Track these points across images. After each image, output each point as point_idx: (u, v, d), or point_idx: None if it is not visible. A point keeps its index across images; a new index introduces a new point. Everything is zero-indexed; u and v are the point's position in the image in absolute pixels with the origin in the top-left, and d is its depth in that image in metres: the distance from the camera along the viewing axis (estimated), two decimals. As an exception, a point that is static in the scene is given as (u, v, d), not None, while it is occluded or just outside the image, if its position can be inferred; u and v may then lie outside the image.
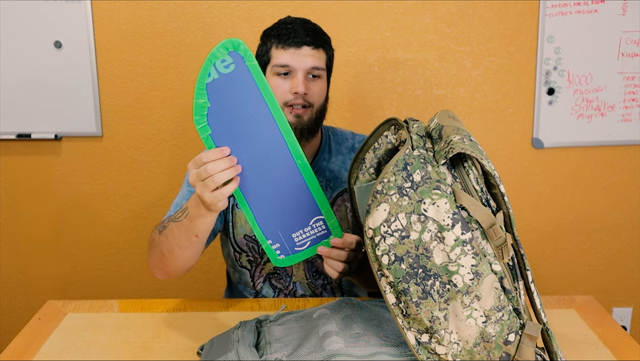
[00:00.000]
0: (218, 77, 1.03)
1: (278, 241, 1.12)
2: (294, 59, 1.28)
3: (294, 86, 1.27)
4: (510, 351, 0.88)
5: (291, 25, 1.30)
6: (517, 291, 0.89)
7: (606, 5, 1.95)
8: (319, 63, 1.30)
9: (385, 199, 0.90)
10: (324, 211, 1.10)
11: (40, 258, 2.16)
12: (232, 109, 1.03)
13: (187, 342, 1.18)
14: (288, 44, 1.28)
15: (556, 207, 2.13)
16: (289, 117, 1.28)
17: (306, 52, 1.28)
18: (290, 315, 1.13)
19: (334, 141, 1.44)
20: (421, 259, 0.88)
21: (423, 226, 0.88)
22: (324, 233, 1.12)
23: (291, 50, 1.28)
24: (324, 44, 1.32)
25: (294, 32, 1.29)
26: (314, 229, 1.12)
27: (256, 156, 1.05)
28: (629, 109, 2.03)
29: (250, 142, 1.04)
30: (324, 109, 1.34)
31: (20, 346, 1.17)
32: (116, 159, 2.07)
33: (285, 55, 1.28)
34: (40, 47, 1.97)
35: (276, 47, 1.30)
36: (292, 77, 1.28)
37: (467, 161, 0.90)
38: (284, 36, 1.29)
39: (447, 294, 0.87)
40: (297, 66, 1.28)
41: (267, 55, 1.32)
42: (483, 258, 0.87)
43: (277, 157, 1.06)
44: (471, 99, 2.04)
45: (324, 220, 1.11)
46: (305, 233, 1.12)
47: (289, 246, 1.12)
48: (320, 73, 1.31)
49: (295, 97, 1.27)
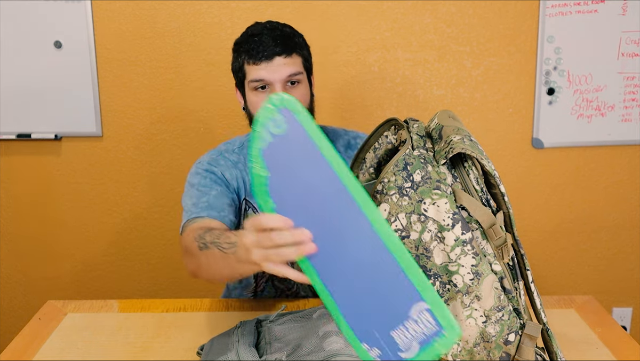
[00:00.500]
0: (273, 140, 0.82)
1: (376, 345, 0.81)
2: (268, 73, 1.25)
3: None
4: (510, 351, 0.88)
5: (258, 37, 1.26)
6: (517, 291, 0.89)
7: (606, 5, 1.95)
8: (294, 69, 1.26)
9: (386, 199, 0.90)
10: (427, 298, 0.77)
11: (40, 258, 2.16)
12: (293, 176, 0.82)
13: (187, 342, 1.18)
14: (259, 59, 1.25)
15: (556, 207, 2.13)
16: None
17: (279, 63, 1.25)
18: (290, 314, 1.13)
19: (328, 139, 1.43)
20: (421, 259, 0.88)
21: (423, 226, 0.88)
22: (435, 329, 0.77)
23: (263, 65, 1.25)
24: (295, 48, 1.28)
25: (262, 44, 1.25)
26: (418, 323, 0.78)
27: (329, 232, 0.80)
28: (629, 109, 2.03)
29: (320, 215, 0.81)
30: (310, 110, 1.33)
31: (20, 346, 1.17)
32: (116, 159, 2.07)
33: (258, 70, 1.25)
34: (40, 47, 1.97)
35: (247, 62, 1.27)
36: (270, 89, 1.26)
37: (467, 161, 0.90)
38: (253, 51, 1.26)
39: (447, 294, 0.87)
40: (273, 78, 1.25)
41: (241, 72, 1.30)
42: (483, 258, 0.87)
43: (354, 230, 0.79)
44: (471, 99, 2.04)
45: (430, 311, 0.77)
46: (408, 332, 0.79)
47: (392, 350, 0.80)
48: (299, 78, 1.28)
49: None
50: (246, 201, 1.35)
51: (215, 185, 1.31)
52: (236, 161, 1.36)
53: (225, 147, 1.41)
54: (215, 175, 1.33)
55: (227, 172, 1.34)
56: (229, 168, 1.35)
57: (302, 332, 1.05)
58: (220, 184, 1.32)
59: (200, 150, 2.04)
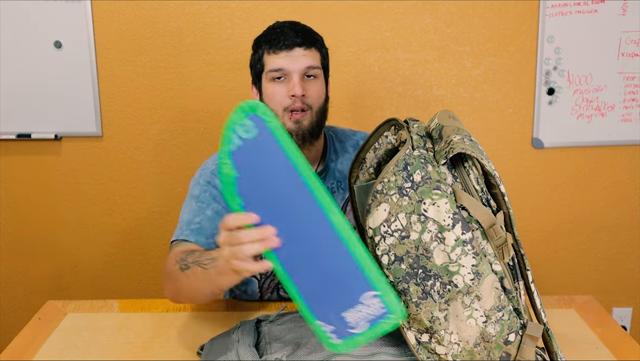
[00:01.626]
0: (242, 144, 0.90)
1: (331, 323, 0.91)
2: (287, 62, 1.26)
3: (290, 89, 1.26)
4: (510, 351, 0.88)
5: (280, 29, 1.29)
6: (518, 291, 0.89)
7: (606, 5, 1.95)
8: (313, 62, 1.28)
9: (386, 199, 0.90)
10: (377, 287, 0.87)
11: (40, 258, 2.16)
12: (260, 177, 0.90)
13: (187, 342, 1.18)
14: (279, 48, 1.27)
15: (556, 207, 2.13)
16: (289, 124, 1.27)
17: (299, 53, 1.27)
18: (290, 315, 1.13)
19: (337, 140, 1.43)
20: (421, 260, 0.88)
21: (423, 227, 0.88)
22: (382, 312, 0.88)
23: (283, 54, 1.27)
24: (315, 43, 1.30)
25: (284, 35, 1.27)
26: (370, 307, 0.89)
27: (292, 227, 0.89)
28: (629, 109, 2.03)
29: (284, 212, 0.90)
30: (324, 110, 1.33)
31: (20, 346, 1.17)
32: (116, 159, 2.07)
33: (277, 59, 1.27)
34: (40, 47, 1.97)
35: (268, 53, 1.29)
36: (287, 80, 1.27)
37: (467, 161, 0.90)
38: (274, 40, 1.28)
39: (448, 294, 0.87)
40: (292, 68, 1.26)
41: (260, 63, 1.31)
42: (483, 257, 0.87)
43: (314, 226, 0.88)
44: (471, 99, 2.04)
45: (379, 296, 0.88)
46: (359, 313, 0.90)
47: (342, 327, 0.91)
48: (316, 72, 1.29)
49: (293, 100, 1.26)
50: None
51: (213, 202, 1.28)
52: None
53: None
54: (215, 189, 1.30)
55: None
56: None
57: (302, 332, 1.05)
58: (219, 201, 1.29)
59: (199, 150, 2.04)
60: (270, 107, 1.26)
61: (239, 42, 1.98)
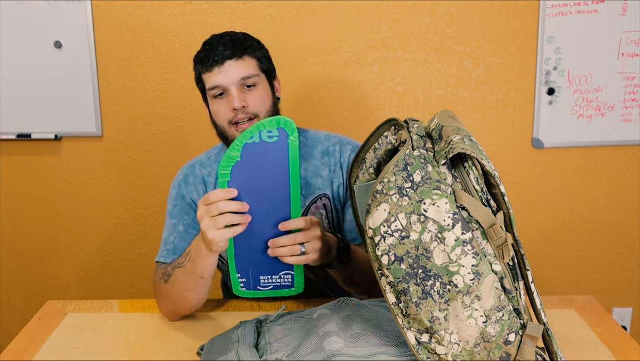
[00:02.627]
0: (258, 142, 1.08)
1: (246, 277, 1.19)
2: (221, 77, 1.26)
3: (230, 103, 1.25)
4: (510, 351, 0.88)
5: (209, 45, 1.29)
6: (518, 291, 0.89)
7: (606, 5, 1.95)
8: (248, 71, 1.26)
9: (385, 199, 0.90)
10: (296, 269, 1.19)
11: (40, 258, 2.16)
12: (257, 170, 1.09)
13: (187, 342, 1.18)
14: (211, 65, 1.26)
15: (556, 207, 2.13)
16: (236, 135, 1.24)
17: (229, 66, 1.26)
18: (290, 314, 1.13)
19: (306, 145, 1.39)
20: (421, 260, 0.88)
21: (423, 227, 0.88)
22: (287, 284, 1.21)
23: (216, 70, 1.26)
24: (246, 50, 1.28)
25: (213, 50, 1.27)
26: (281, 278, 1.20)
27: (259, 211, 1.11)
28: (629, 109, 2.03)
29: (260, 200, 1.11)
30: (274, 113, 1.31)
31: (20, 346, 1.17)
32: (116, 159, 2.08)
33: (212, 76, 1.27)
34: (40, 47, 1.97)
35: (203, 72, 1.29)
36: (227, 95, 1.26)
37: (467, 161, 0.90)
38: (205, 58, 1.28)
39: (448, 294, 0.87)
40: (226, 82, 1.25)
41: (201, 82, 1.31)
42: (483, 257, 0.87)
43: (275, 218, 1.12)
44: (471, 99, 2.04)
45: (292, 275, 1.20)
46: (272, 279, 1.20)
47: (253, 284, 1.19)
48: (255, 80, 1.27)
49: (235, 113, 1.26)
50: None
51: (184, 214, 1.35)
52: (206, 174, 1.38)
53: (204, 156, 1.43)
54: (184, 201, 1.37)
55: (194, 192, 1.37)
56: (197, 187, 1.38)
57: (302, 332, 1.05)
58: (189, 212, 1.35)
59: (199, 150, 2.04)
60: (218, 123, 1.30)
61: (239, 42, 1.98)
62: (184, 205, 1.36)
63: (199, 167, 1.40)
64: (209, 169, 1.39)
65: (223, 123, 1.29)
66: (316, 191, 1.37)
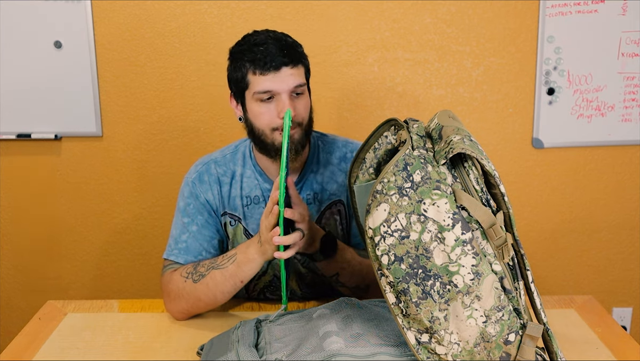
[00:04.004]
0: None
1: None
2: (276, 83, 1.20)
3: (280, 110, 1.21)
4: (510, 351, 0.88)
5: (264, 47, 1.21)
6: (518, 291, 0.89)
7: (606, 5, 1.95)
8: (300, 80, 1.23)
9: (385, 199, 0.90)
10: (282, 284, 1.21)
11: (40, 258, 2.16)
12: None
13: (187, 342, 1.18)
14: (266, 69, 1.20)
15: (556, 207, 2.13)
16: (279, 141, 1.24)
17: (286, 73, 1.21)
18: (290, 314, 1.13)
19: (324, 150, 1.38)
20: (421, 260, 0.88)
21: (423, 227, 0.88)
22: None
23: (270, 75, 1.20)
24: (301, 58, 1.25)
25: (270, 54, 1.20)
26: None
27: None
28: (629, 109, 2.03)
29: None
30: (311, 121, 1.30)
31: (20, 346, 1.17)
32: (116, 159, 2.07)
33: (265, 81, 1.20)
34: (40, 47, 1.97)
35: (253, 73, 1.22)
36: (276, 100, 1.22)
37: (467, 161, 0.90)
38: (259, 61, 1.20)
39: (448, 294, 0.87)
40: (280, 89, 1.20)
41: (244, 82, 1.24)
42: (483, 258, 0.87)
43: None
44: (471, 99, 2.04)
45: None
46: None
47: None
48: (303, 89, 1.25)
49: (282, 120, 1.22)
50: (226, 214, 1.35)
51: (197, 214, 1.34)
52: (221, 174, 1.36)
53: (220, 154, 1.40)
54: (198, 200, 1.35)
55: (209, 192, 1.35)
56: (212, 186, 1.35)
57: (302, 332, 1.05)
58: (202, 212, 1.34)
59: (199, 150, 2.04)
60: (257, 126, 1.26)
61: (239, 42, 1.98)
62: (198, 205, 1.34)
63: (214, 165, 1.37)
64: (224, 168, 1.36)
65: (265, 128, 1.24)
66: (332, 197, 1.36)
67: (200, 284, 1.23)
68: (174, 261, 1.32)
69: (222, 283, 1.21)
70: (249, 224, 1.35)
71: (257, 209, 1.34)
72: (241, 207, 1.35)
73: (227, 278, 1.21)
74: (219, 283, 1.21)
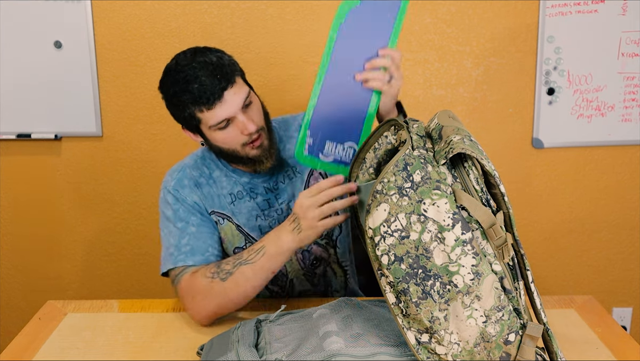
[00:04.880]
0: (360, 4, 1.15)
1: (313, 138, 1.19)
2: (225, 110, 1.19)
3: (243, 129, 1.21)
4: (510, 351, 0.88)
5: (197, 81, 1.17)
6: (518, 291, 0.89)
7: (606, 5, 1.95)
8: (244, 93, 1.22)
9: (385, 199, 0.90)
10: (359, 144, 1.19)
11: (40, 258, 2.16)
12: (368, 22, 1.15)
13: (187, 342, 1.18)
14: (211, 103, 1.18)
15: (556, 207, 2.13)
16: (253, 152, 1.25)
17: (230, 96, 1.19)
18: (290, 314, 1.13)
19: (281, 129, 1.40)
20: (421, 260, 0.88)
21: (423, 227, 0.88)
22: (347, 161, 1.21)
23: (217, 106, 1.18)
24: (233, 73, 1.22)
25: (206, 88, 1.17)
26: (344, 151, 1.19)
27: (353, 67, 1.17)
28: (629, 109, 2.03)
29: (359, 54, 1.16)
30: (267, 115, 1.30)
31: (20, 346, 1.18)
32: (116, 159, 2.07)
33: (215, 114, 1.19)
34: (40, 47, 1.97)
35: (200, 110, 1.19)
36: (234, 122, 1.21)
37: (467, 161, 0.90)
38: (200, 98, 1.18)
39: (448, 294, 0.87)
40: (233, 112, 1.20)
41: (194, 120, 1.22)
42: (483, 257, 0.87)
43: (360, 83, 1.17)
44: (471, 99, 2.04)
45: (354, 151, 1.20)
46: (335, 149, 1.20)
47: (317, 148, 1.19)
48: (250, 97, 1.24)
49: (250, 136, 1.23)
50: (214, 213, 1.34)
51: (190, 215, 1.32)
52: (198, 176, 1.35)
53: (190, 160, 1.39)
54: (185, 203, 1.33)
55: (193, 194, 1.33)
56: (193, 189, 1.34)
57: (302, 332, 1.05)
58: (194, 213, 1.32)
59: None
60: (227, 147, 1.25)
61: (239, 42, 1.98)
62: (187, 207, 1.33)
63: (189, 170, 1.36)
64: (199, 171, 1.36)
65: (236, 147, 1.24)
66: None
67: (229, 282, 1.20)
68: (184, 265, 1.28)
69: (253, 277, 1.19)
70: (240, 219, 1.35)
71: (243, 203, 1.34)
72: (227, 205, 1.34)
73: (257, 272, 1.19)
74: (250, 278, 1.19)
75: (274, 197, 1.36)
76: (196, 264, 1.27)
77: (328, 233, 1.39)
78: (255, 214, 1.35)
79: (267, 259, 1.18)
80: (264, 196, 1.35)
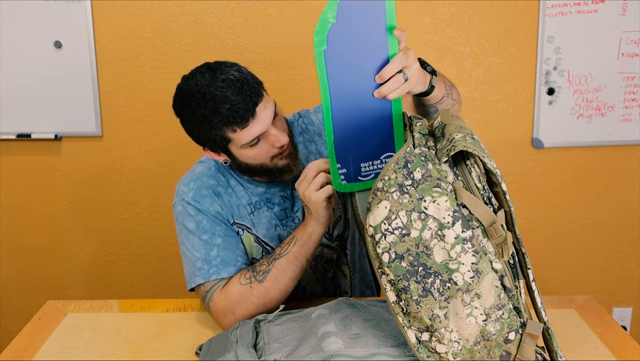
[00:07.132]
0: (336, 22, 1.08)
1: (346, 167, 1.10)
2: (259, 126, 1.16)
3: (274, 142, 1.19)
4: (510, 349, 0.88)
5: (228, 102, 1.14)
6: (518, 289, 0.89)
7: (606, 5, 1.95)
8: (271, 104, 1.19)
9: (386, 196, 0.90)
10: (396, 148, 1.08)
11: (40, 258, 2.16)
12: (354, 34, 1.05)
13: (187, 342, 1.18)
14: (245, 121, 1.15)
15: (556, 207, 2.13)
16: (281, 162, 1.23)
17: (261, 110, 1.16)
18: (289, 315, 1.13)
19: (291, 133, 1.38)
20: (421, 257, 0.88)
21: (423, 224, 0.88)
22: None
23: (251, 123, 1.15)
24: (260, 87, 1.19)
25: (239, 107, 1.14)
26: (383, 163, 1.09)
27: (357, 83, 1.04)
28: (629, 109, 2.03)
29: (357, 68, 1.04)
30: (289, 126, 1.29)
31: (20, 346, 1.17)
32: (116, 159, 2.07)
33: (248, 131, 1.16)
34: (40, 47, 1.97)
35: (233, 131, 1.16)
36: (264, 137, 1.19)
37: (469, 158, 0.90)
38: (234, 118, 1.14)
39: (448, 292, 0.87)
40: (265, 127, 1.18)
41: (224, 140, 1.19)
42: (484, 256, 0.87)
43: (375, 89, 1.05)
44: (471, 99, 2.04)
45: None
46: (373, 165, 1.10)
47: (354, 174, 1.10)
48: (276, 110, 1.21)
49: (281, 148, 1.21)
50: (235, 224, 1.31)
51: (215, 226, 1.27)
52: (215, 185, 1.30)
53: (204, 168, 1.33)
54: (208, 214, 1.27)
55: (215, 204, 1.28)
56: (214, 199, 1.29)
57: (300, 332, 1.05)
58: (218, 223, 1.27)
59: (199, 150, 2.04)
60: (255, 163, 1.23)
61: (239, 42, 1.98)
62: (210, 218, 1.27)
63: (206, 179, 1.30)
64: (216, 179, 1.31)
65: (265, 161, 1.22)
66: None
67: (267, 280, 1.19)
68: (217, 279, 1.23)
69: (289, 268, 1.19)
70: (259, 230, 1.32)
71: (262, 213, 1.32)
72: (247, 215, 1.31)
73: (292, 262, 1.19)
74: (287, 270, 1.19)
75: (290, 205, 1.33)
76: (230, 276, 1.23)
77: (338, 234, 1.38)
78: (274, 224, 1.32)
79: (300, 246, 1.19)
80: (280, 205, 1.33)
